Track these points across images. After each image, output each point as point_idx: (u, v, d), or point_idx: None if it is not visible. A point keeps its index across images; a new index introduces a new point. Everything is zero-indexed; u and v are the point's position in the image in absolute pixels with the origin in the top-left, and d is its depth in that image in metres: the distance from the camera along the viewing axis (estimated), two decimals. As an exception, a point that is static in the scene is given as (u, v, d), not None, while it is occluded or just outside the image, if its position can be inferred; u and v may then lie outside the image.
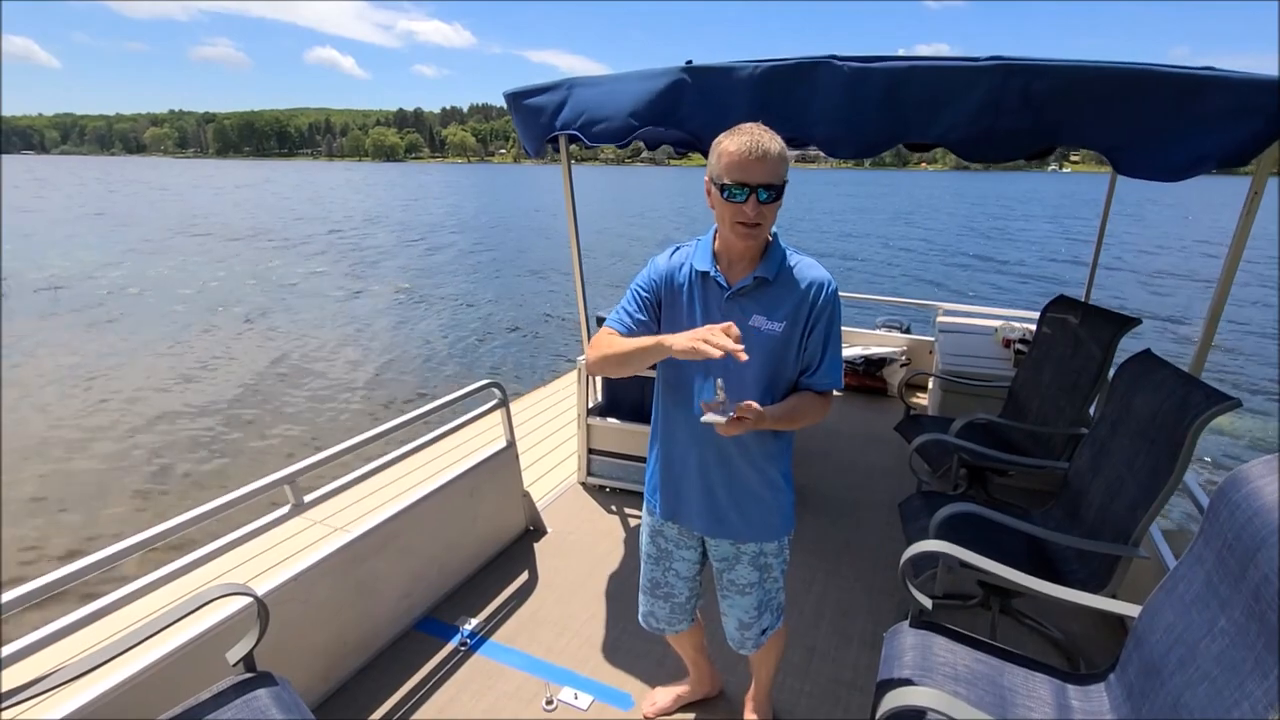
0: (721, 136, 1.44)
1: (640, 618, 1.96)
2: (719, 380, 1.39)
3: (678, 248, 1.66)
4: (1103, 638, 2.49)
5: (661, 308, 1.63)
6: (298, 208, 37.42)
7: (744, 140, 1.39)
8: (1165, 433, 1.97)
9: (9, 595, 1.41)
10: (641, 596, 1.94)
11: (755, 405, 1.41)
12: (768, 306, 1.52)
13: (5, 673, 1.42)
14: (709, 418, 1.38)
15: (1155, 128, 1.85)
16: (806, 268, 1.54)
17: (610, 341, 1.55)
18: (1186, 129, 1.81)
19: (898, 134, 2.13)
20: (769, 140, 1.39)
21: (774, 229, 1.55)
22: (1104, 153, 1.98)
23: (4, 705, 1.31)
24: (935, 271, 18.52)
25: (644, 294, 1.62)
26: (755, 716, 2.07)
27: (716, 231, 1.57)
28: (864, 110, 2.12)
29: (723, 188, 1.42)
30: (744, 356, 1.27)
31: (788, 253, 1.56)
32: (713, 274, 1.55)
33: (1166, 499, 1.92)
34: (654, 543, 1.84)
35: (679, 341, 1.34)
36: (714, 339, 1.28)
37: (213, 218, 30.01)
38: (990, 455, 2.75)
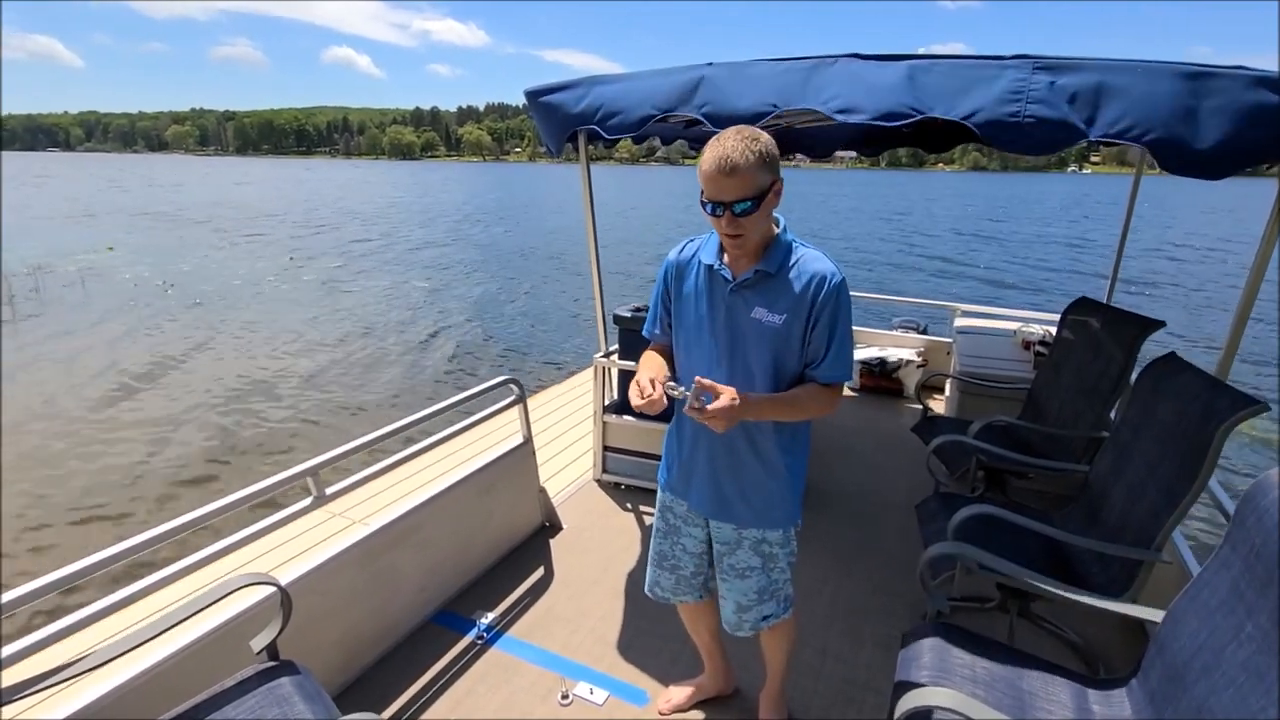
0: (708, 143, 1.46)
1: (646, 587, 2.00)
2: (696, 379, 1.46)
3: (689, 241, 1.72)
4: (1122, 643, 2.47)
5: (672, 300, 1.71)
6: (317, 203, 37.80)
7: (716, 154, 1.41)
8: (1189, 437, 1.94)
9: (36, 584, 1.44)
10: (649, 567, 1.98)
11: (730, 394, 1.45)
12: (769, 299, 1.56)
13: (34, 658, 1.45)
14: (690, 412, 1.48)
15: (1195, 123, 1.82)
16: (810, 261, 1.56)
17: (642, 360, 1.74)
18: (1224, 125, 1.78)
19: (918, 110, 2.08)
20: (739, 153, 1.38)
21: (783, 221, 1.59)
22: (1147, 146, 1.94)
23: (33, 690, 1.34)
24: (954, 272, 18.36)
25: (661, 292, 1.74)
26: (770, 714, 2.07)
27: None
28: (883, 85, 2.10)
29: (703, 202, 1.48)
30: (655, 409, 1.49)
31: (794, 246, 1.58)
32: (717, 267, 1.60)
33: (1190, 504, 1.89)
34: (663, 517, 1.90)
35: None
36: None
37: (234, 212, 30.42)
38: (1010, 457, 2.73)
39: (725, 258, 1.60)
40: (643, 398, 1.49)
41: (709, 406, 1.45)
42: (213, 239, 21.62)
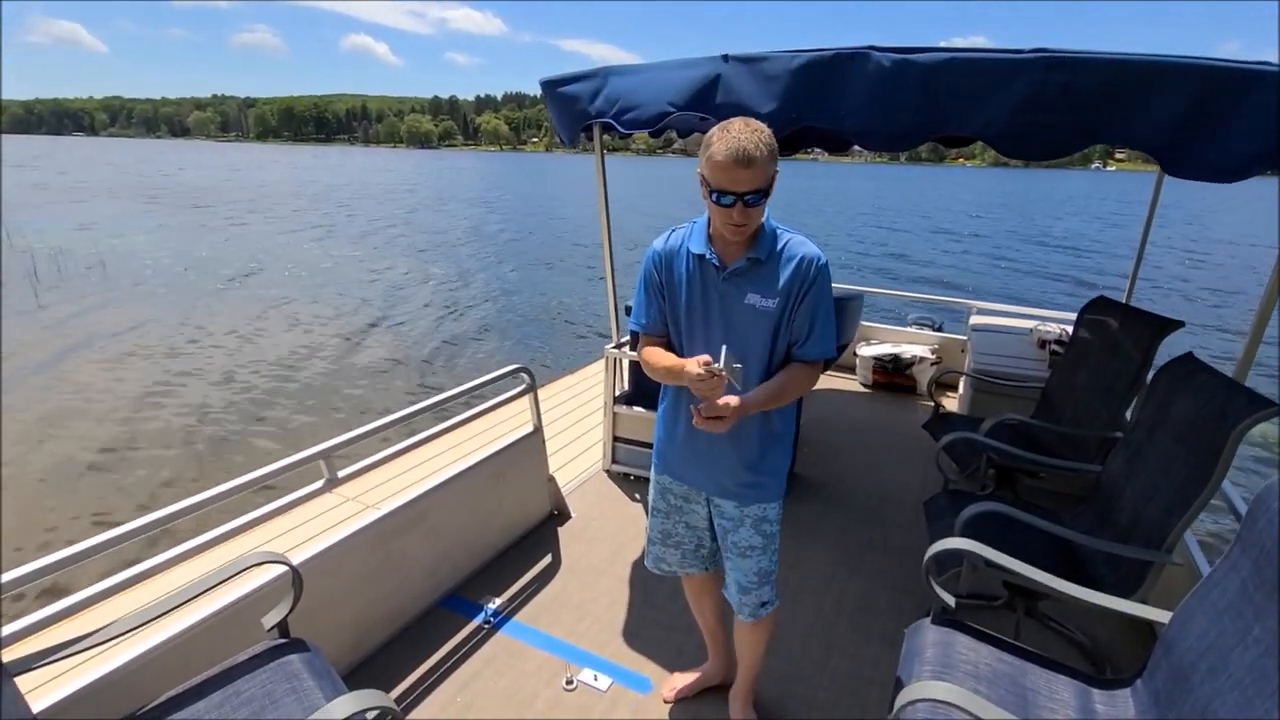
0: (712, 133, 1.46)
1: (650, 563, 2.02)
2: (725, 355, 1.48)
3: (674, 230, 1.73)
4: (1129, 644, 2.45)
5: (664, 289, 1.72)
6: (333, 190, 38.05)
7: (729, 146, 1.41)
8: (1204, 438, 1.92)
9: (48, 559, 1.47)
10: (651, 546, 2.01)
11: (733, 401, 1.51)
12: (761, 285, 1.59)
13: (52, 630, 1.49)
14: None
15: (1206, 125, 1.79)
16: (797, 245, 1.60)
17: (652, 355, 1.71)
18: (1239, 126, 1.74)
19: (933, 128, 2.11)
20: (753, 145, 1.40)
21: (766, 209, 1.59)
22: (1151, 152, 1.92)
23: (50, 660, 1.37)
24: (971, 269, 18.15)
25: (650, 283, 1.74)
26: (740, 714, 2.05)
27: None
28: (899, 103, 2.10)
29: (710, 190, 1.48)
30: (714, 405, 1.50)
31: (779, 231, 1.62)
32: (708, 256, 1.62)
33: (1203, 506, 1.87)
34: (663, 498, 1.93)
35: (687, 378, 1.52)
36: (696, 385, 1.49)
37: (254, 199, 30.69)
38: (1021, 456, 2.70)
39: (715, 246, 1.62)
40: (704, 383, 1.47)
41: (705, 412, 1.50)
42: (237, 223, 21.83)
